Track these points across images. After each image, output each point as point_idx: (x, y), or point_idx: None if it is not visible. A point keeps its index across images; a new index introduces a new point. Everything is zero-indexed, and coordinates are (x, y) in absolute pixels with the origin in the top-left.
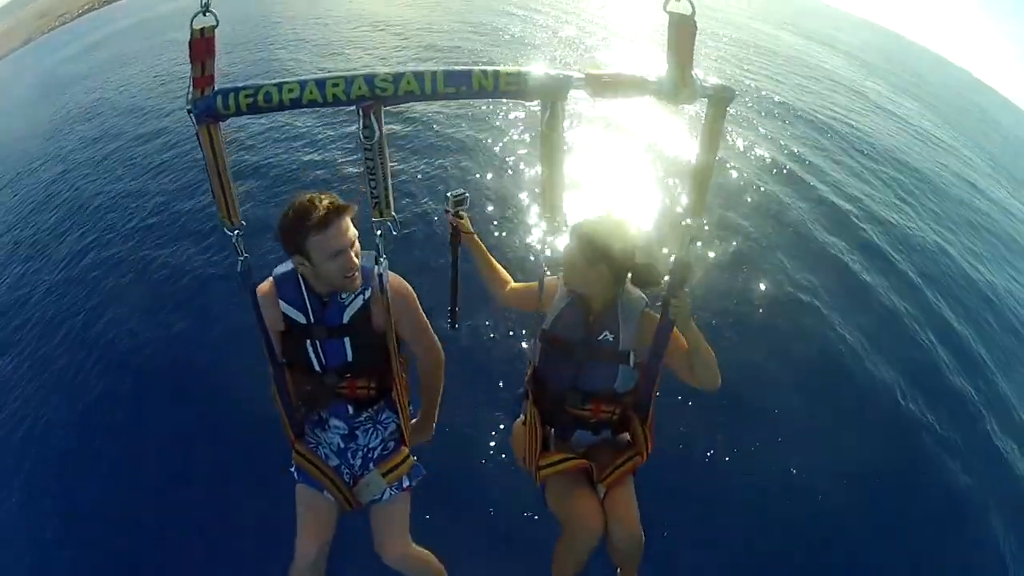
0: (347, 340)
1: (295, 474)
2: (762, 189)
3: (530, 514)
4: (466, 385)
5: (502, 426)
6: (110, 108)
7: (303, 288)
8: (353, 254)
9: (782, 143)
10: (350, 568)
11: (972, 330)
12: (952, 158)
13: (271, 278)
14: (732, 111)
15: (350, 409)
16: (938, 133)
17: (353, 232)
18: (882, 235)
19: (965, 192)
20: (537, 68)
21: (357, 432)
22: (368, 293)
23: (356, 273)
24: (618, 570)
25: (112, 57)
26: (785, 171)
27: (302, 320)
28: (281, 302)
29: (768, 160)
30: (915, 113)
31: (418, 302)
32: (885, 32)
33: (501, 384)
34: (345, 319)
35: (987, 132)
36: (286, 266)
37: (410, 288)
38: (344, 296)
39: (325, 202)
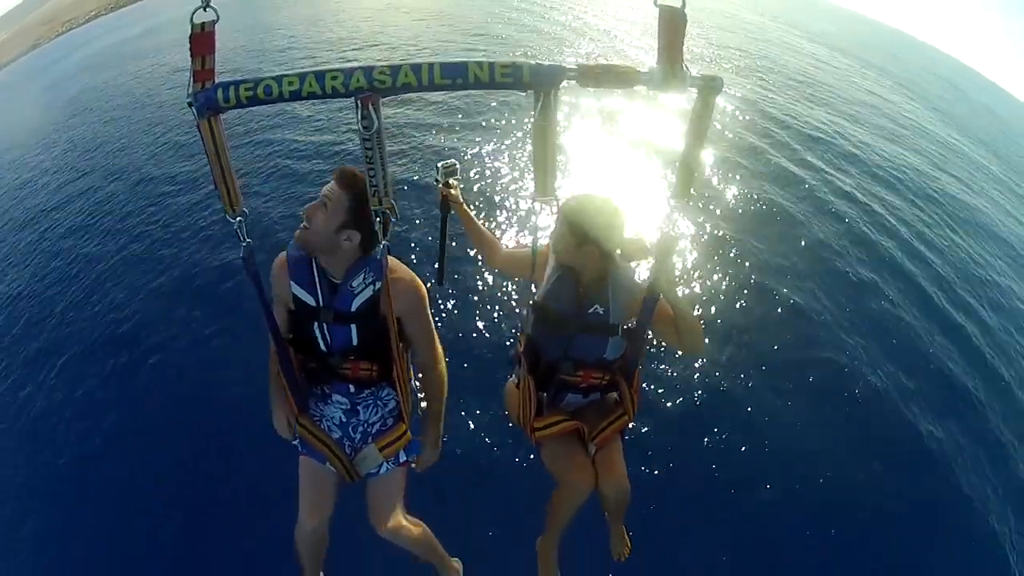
0: (354, 327)
1: (299, 446)
2: (761, 190)
3: (522, 466)
4: (459, 345)
5: (495, 386)
6: (117, 107)
7: (315, 270)
8: (326, 207)
9: (773, 137)
10: (350, 537)
11: (982, 333)
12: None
13: (284, 254)
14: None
15: (351, 388)
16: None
17: (336, 201)
18: (888, 239)
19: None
20: (531, 59)
21: (359, 407)
22: (379, 284)
23: (312, 223)
24: (606, 514)
25: (121, 58)
26: (781, 167)
27: (311, 302)
28: (292, 282)
29: (764, 155)
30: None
31: (428, 305)
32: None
33: (493, 343)
34: (353, 307)
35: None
36: (298, 248)
37: (423, 288)
38: (355, 284)
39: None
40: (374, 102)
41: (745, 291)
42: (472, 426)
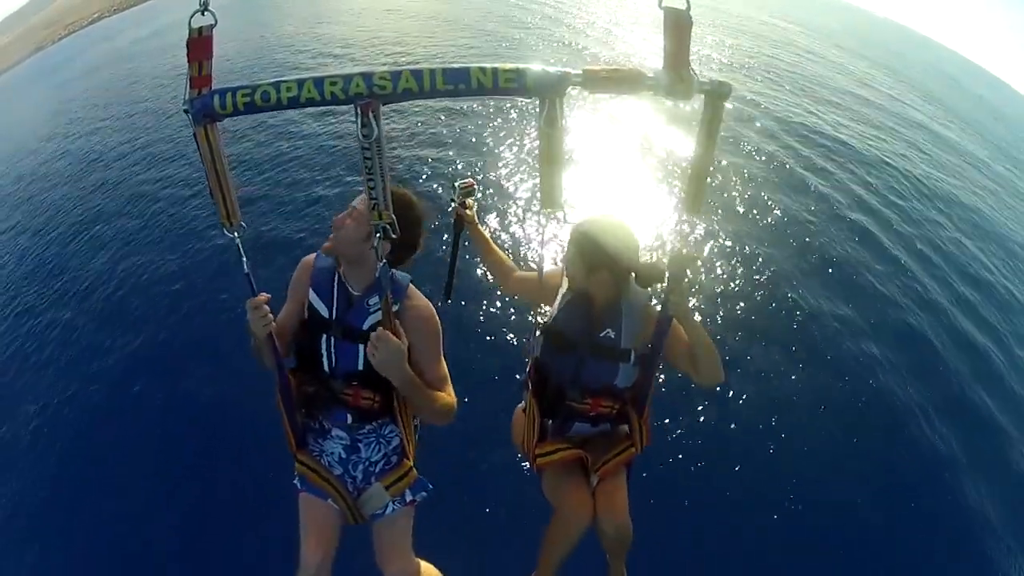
0: (361, 348)
1: (297, 484)
2: (767, 193)
3: (524, 499)
4: (467, 369)
5: (501, 413)
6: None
7: (335, 283)
8: (353, 216)
9: (783, 141)
10: None
11: (991, 337)
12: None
13: (314, 257)
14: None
15: (349, 418)
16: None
17: (365, 210)
18: (894, 238)
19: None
20: (535, 65)
21: (360, 444)
22: (396, 307)
23: (341, 231)
24: (607, 556)
25: (119, 61)
26: (788, 170)
27: (324, 313)
28: (311, 289)
29: (772, 160)
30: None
31: (440, 337)
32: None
33: (501, 370)
34: (365, 326)
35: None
36: (327, 258)
37: (436, 317)
38: (372, 302)
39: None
40: (374, 109)
41: (763, 310)
42: (474, 452)
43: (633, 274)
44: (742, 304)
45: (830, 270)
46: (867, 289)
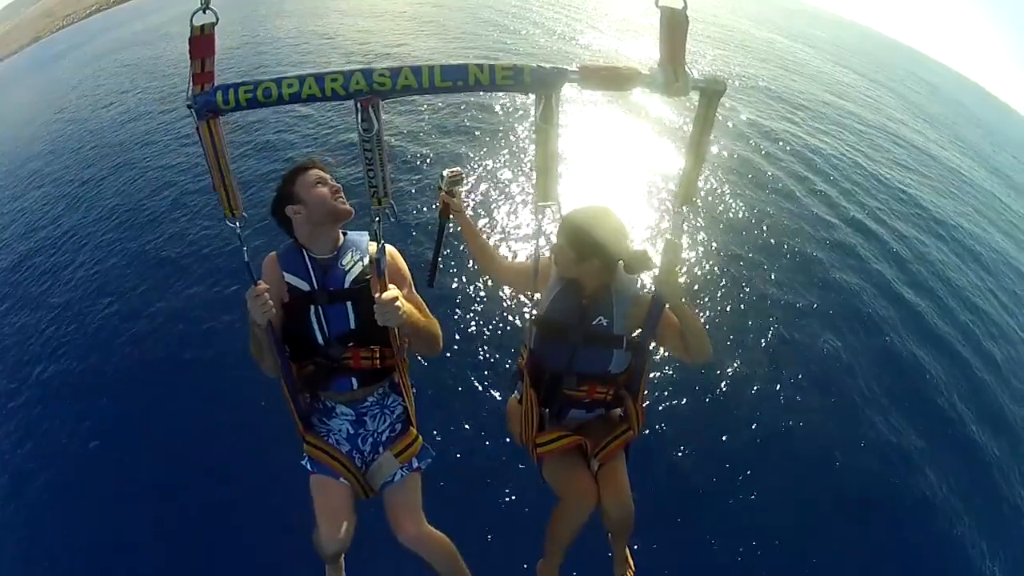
0: (349, 305)
1: (308, 466)
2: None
3: (522, 487)
4: (460, 362)
5: (496, 402)
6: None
7: (305, 256)
8: (336, 187)
9: (771, 152)
10: (367, 555)
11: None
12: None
13: (274, 253)
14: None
15: (354, 383)
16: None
17: (330, 176)
18: (885, 255)
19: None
20: (532, 62)
21: (365, 418)
22: (367, 259)
23: (342, 198)
24: (609, 536)
25: (116, 55)
26: (781, 181)
27: (305, 287)
28: (285, 273)
29: (763, 168)
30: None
31: (407, 269)
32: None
33: (494, 360)
34: (346, 283)
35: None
36: (286, 244)
37: (397, 252)
38: (344, 262)
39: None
40: (374, 105)
41: (746, 298)
42: (470, 444)
43: (621, 262)
44: (734, 295)
45: (819, 273)
46: (856, 292)
